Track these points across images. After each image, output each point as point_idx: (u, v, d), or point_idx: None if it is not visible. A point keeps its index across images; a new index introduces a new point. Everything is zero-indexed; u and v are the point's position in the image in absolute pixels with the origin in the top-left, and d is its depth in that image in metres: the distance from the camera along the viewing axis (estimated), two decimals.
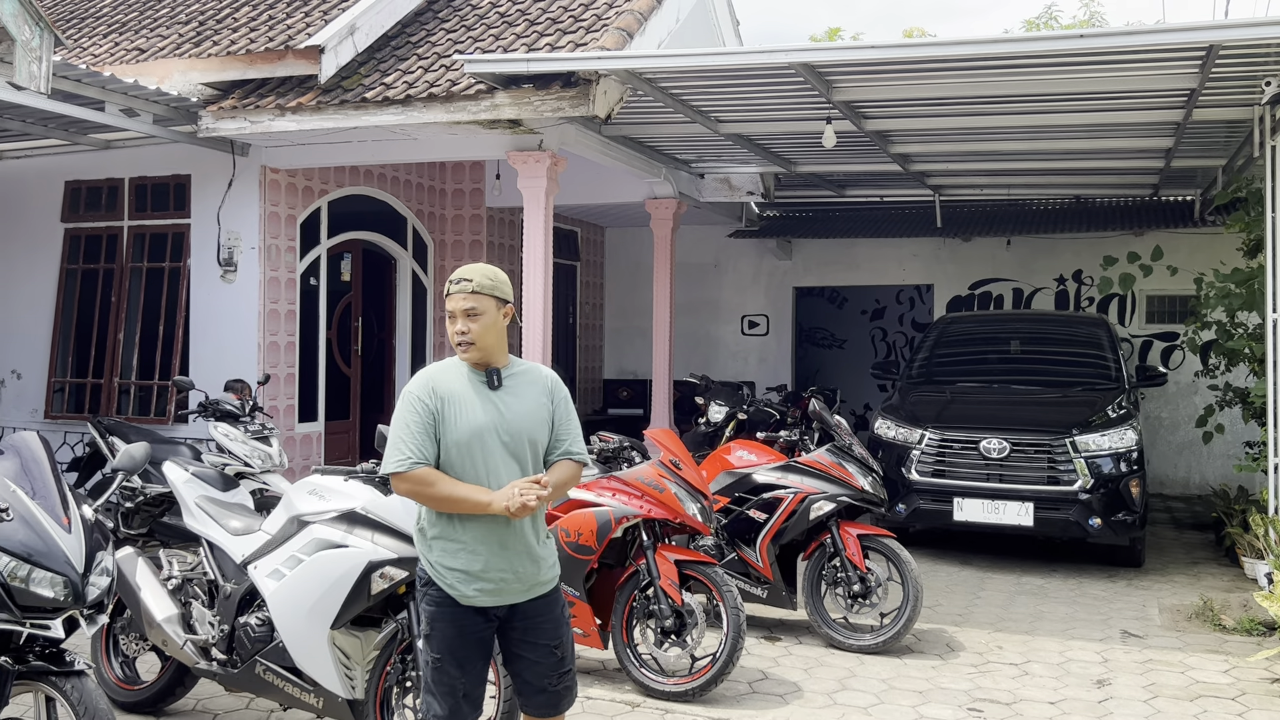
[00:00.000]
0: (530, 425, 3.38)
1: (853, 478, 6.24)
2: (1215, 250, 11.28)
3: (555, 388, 3.49)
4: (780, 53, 6.93)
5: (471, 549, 3.30)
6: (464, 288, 3.37)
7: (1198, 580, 8.02)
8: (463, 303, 3.36)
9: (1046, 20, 21.19)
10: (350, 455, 10.26)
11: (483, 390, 3.37)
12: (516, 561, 3.33)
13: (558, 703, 3.47)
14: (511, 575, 3.33)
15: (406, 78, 8.14)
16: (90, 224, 9.79)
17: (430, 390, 3.35)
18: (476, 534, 3.30)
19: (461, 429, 3.30)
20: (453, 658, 3.33)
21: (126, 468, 3.91)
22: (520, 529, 3.33)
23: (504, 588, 3.33)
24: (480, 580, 3.30)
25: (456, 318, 3.36)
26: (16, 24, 6.07)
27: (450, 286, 3.39)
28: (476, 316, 3.35)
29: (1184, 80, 7.08)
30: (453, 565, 3.32)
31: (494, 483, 3.29)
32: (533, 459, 3.39)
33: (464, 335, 3.34)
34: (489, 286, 3.39)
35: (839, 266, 13.97)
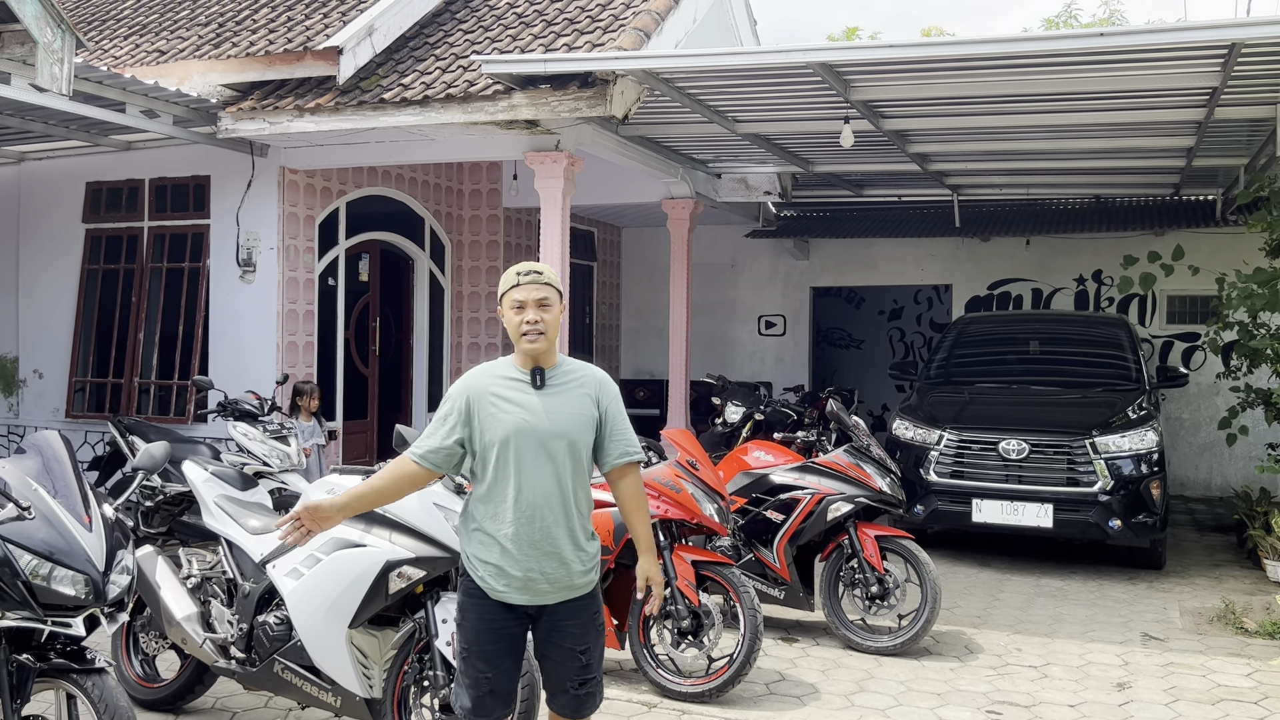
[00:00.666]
0: (570, 427, 3.36)
1: (870, 479, 6.22)
2: (1237, 250, 11.19)
3: (604, 389, 3.47)
4: (798, 52, 6.91)
5: (504, 546, 3.32)
6: (536, 278, 3.38)
7: (1219, 583, 7.96)
8: (536, 292, 3.36)
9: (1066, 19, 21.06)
10: (368, 455, 10.30)
11: (524, 390, 3.37)
12: (546, 563, 3.33)
13: (578, 707, 3.47)
14: (540, 576, 3.33)
15: (424, 79, 8.16)
16: (111, 225, 9.86)
17: (463, 394, 3.40)
18: (510, 532, 3.32)
19: (497, 430, 3.33)
20: (479, 650, 3.36)
21: (146, 467, 3.93)
22: (553, 532, 3.33)
23: (532, 587, 3.34)
24: (509, 577, 3.33)
25: (527, 307, 3.35)
26: (39, 26, 6.12)
27: (519, 277, 3.39)
28: (548, 307, 3.37)
29: (1205, 79, 7.02)
30: (486, 559, 3.35)
31: (526, 483, 3.31)
32: (572, 460, 3.37)
33: (535, 325, 3.34)
34: (555, 279, 3.45)
35: (856, 266, 13.93)
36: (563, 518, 3.35)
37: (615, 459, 3.47)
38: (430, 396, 11.16)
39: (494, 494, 3.35)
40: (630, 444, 3.49)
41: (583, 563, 3.41)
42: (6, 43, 6.34)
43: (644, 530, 3.55)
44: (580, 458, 3.40)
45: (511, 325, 3.38)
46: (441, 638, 4.01)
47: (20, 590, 3.14)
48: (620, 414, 3.49)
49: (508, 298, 3.40)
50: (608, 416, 3.44)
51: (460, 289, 11.52)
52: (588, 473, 3.46)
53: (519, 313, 3.36)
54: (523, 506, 3.31)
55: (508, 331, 3.40)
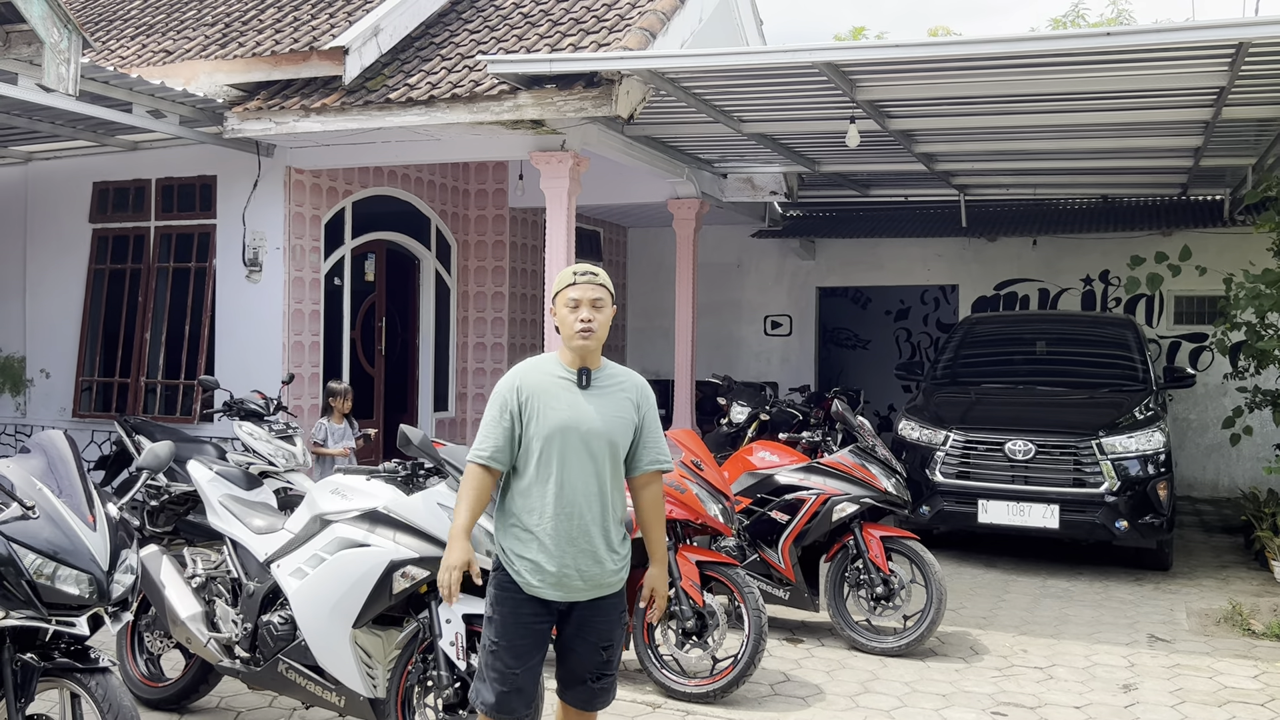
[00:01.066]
0: (612, 428, 3.44)
1: (876, 479, 6.21)
2: (1245, 250, 11.15)
3: (643, 395, 3.56)
4: (804, 52, 6.90)
5: (541, 541, 3.38)
6: (592, 279, 3.47)
7: (1226, 584, 7.93)
8: (591, 292, 3.44)
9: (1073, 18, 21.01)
10: (373, 455, 10.30)
11: (571, 389, 3.44)
12: (582, 560, 3.39)
13: (591, 699, 3.54)
14: (575, 573, 3.39)
15: (430, 78, 8.17)
16: (117, 224, 9.88)
17: (516, 387, 3.45)
18: (548, 528, 3.37)
19: (543, 425, 3.39)
20: (509, 645, 3.39)
21: (151, 466, 3.93)
22: (590, 530, 3.40)
23: (567, 584, 3.40)
24: (545, 573, 3.38)
25: (581, 306, 3.43)
26: (45, 26, 6.13)
27: (575, 277, 3.47)
28: (600, 308, 3.46)
29: (1213, 78, 6.99)
30: (523, 554, 3.40)
31: (568, 480, 3.38)
32: (610, 461, 3.45)
33: (588, 324, 3.42)
34: (609, 283, 3.53)
35: (863, 267, 13.91)
36: (600, 516, 3.42)
37: (646, 465, 3.55)
38: (436, 396, 11.17)
39: (535, 489, 3.41)
40: (662, 453, 3.57)
41: (615, 562, 3.48)
42: (13, 43, 6.36)
43: (659, 539, 3.62)
44: (619, 459, 3.48)
45: (565, 322, 3.45)
46: (445, 638, 4.01)
47: (24, 589, 3.14)
48: (656, 422, 3.58)
49: (563, 295, 3.47)
50: (645, 423, 3.53)
51: (466, 289, 11.53)
52: (623, 473, 3.54)
53: (573, 311, 3.43)
54: (563, 503, 3.37)
55: (559, 328, 3.47)
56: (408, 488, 4.23)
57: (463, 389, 11.44)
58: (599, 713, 3.64)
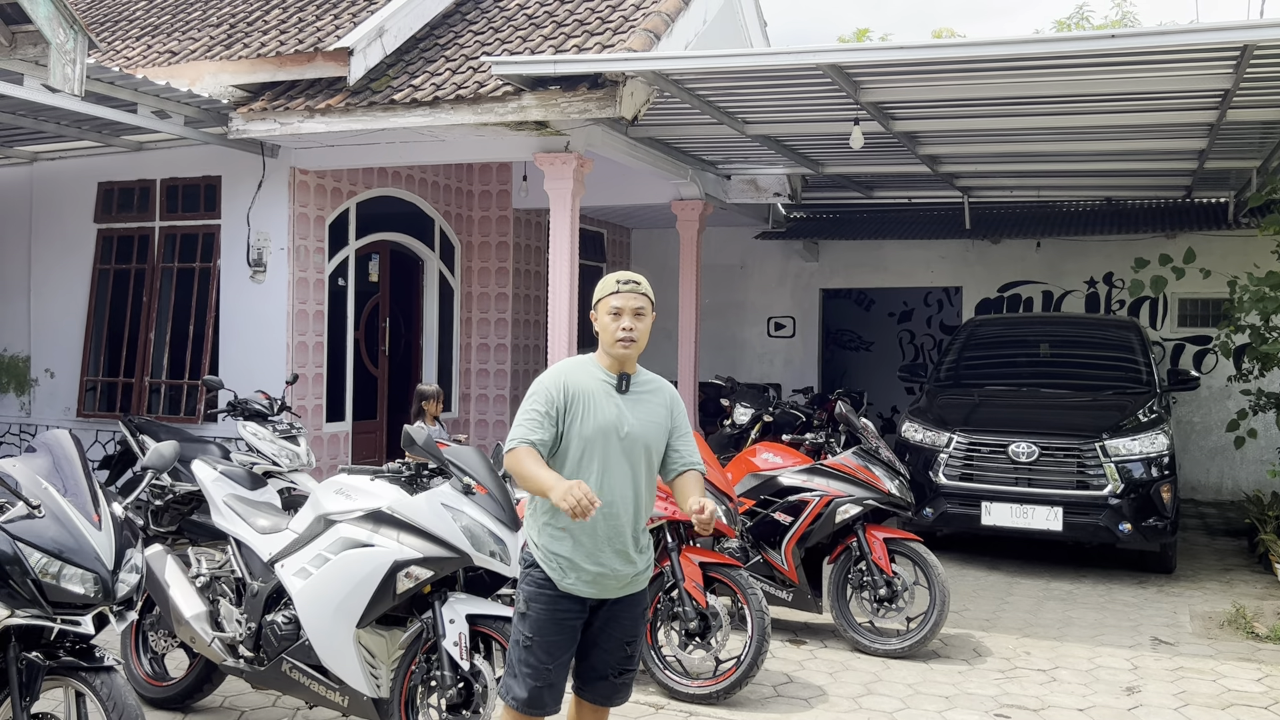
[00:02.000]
0: (648, 433, 3.51)
1: (879, 481, 6.21)
2: (1249, 253, 11.14)
3: (675, 402, 3.65)
4: (808, 54, 6.90)
5: (576, 539, 3.42)
6: (635, 288, 3.52)
7: (1230, 587, 7.92)
8: (634, 301, 3.50)
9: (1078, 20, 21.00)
10: (377, 455, 10.32)
11: (611, 393, 3.50)
12: (616, 560, 3.45)
13: (612, 695, 3.59)
14: (609, 571, 3.45)
15: (434, 80, 8.18)
16: (122, 224, 9.90)
17: (562, 385, 3.48)
18: (582, 526, 3.40)
19: (588, 425, 3.44)
20: (543, 641, 3.43)
21: (156, 466, 3.94)
22: (622, 529, 3.45)
23: (601, 582, 3.45)
24: (581, 570, 3.42)
25: (623, 315, 3.48)
26: (51, 27, 6.14)
27: (618, 285, 3.51)
28: (642, 316, 3.52)
29: (1218, 81, 6.99)
30: (558, 551, 3.44)
31: (607, 481, 3.43)
32: (646, 465, 3.52)
33: (630, 333, 3.47)
34: (650, 292, 3.58)
35: (866, 268, 13.91)
36: (633, 518, 3.49)
37: (679, 467, 3.61)
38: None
39: None
40: (693, 456, 3.63)
41: (642, 562, 3.55)
42: (19, 44, 6.37)
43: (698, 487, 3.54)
44: (654, 464, 3.56)
45: (606, 330, 3.50)
46: (449, 638, 4.02)
47: (30, 588, 3.15)
48: (688, 428, 3.64)
49: (604, 303, 3.52)
50: (677, 428, 3.60)
51: (470, 290, 11.54)
52: (656, 477, 3.62)
53: (615, 319, 3.49)
54: (602, 504, 3.38)
55: (600, 335, 3.53)
56: (412, 488, 4.24)
57: (466, 389, 11.45)
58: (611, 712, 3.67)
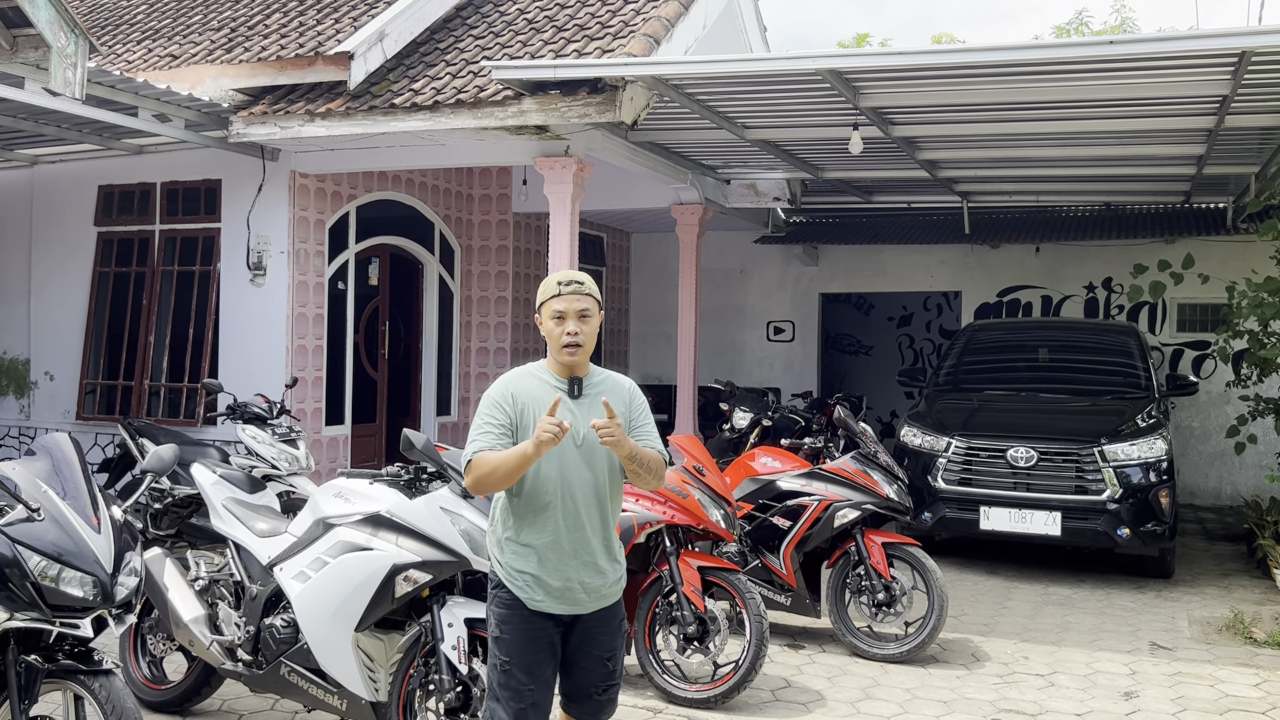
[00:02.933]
0: None
1: (878, 485, 6.21)
2: (1247, 258, 11.15)
3: (633, 396, 3.48)
4: (807, 59, 6.92)
5: (541, 555, 3.31)
6: (578, 289, 3.36)
7: (1228, 592, 7.92)
8: (578, 303, 3.34)
9: (1077, 26, 21.05)
10: (376, 459, 10.32)
11: (563, 399, 3.33)
12: (584, 573, 3.33)
13: (598, 712, 3.50)
14: (578, 586, 3.33)
15: (435, 84, 8.19)
16: (122, 228, 9.91)
17: (509, 397, 3.35)
18: (545, 541, 3.30)
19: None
20: (521, 662, 3.32)
21: (155, 469, 3.95)
22: (588, 539, 3.33)
23: (570, 597, 3.33)
24: (548, 587, 3.31)
25: (567, 318, 3.33)
26: (52, 31, 6.16)
27: (560, 288, 3.36)
28: (588, 318, 3.36)
29: (1216, 87, 7.00)
30: (523, 569, 3.33)
31: (566, 492, 3.30)
32: (608, 469, 3.38)
33: (575, 337, 3.32)
34: (595, 290, 3.41)
35: (866, 273, 13.92)
36: (600, 527, 3.37)
37: None
38: (438, 400, 11.19)
39: (532, 502, 3.31)
40: (655, 444, 3.45)
41: (614, 572, 3.43)
42: (21, 47, 6.38)
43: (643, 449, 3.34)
44: (616, 470, 3.39)
45: (551, 335, 3.36)
46: (447, 641, 4.02)
47: (29, 591, 3.16)
48: (648, 421, 3.48)
49: (548, 307, 3.36)
50: (635, 423, 3.43)
51: (469, 293, 11.55)
52: (622, 483, 3.46)
53: (559, 323, 3.34)
54: (564, 515, 3.30)
55: (546, 339, 3.38)
56: (410, 492, 4.24)
57: (465, 393, 11.46)
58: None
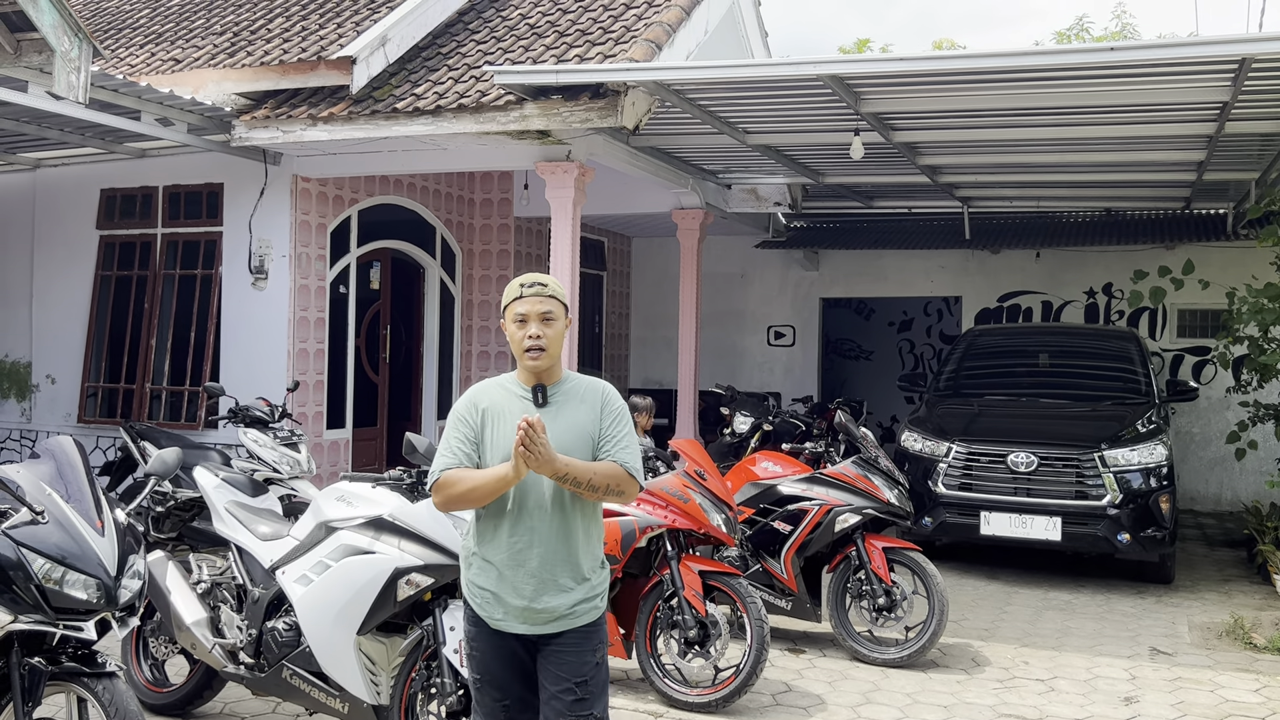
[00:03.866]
0: (572, 446, 3.14)
1: (878, 490, 6.22)
2: (1248, 264, 11.16)
3: (607, 402, 3.26)
4: (808, 65, 6.94)
5: (501, 572, 3.17)
6: (539, 290, 3.21)
7: (1229, 598, 7.93)
8: (539, 305, 3.19)
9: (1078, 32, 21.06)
10: (377, 462, 10.33)
11: (528, 407, 3.19)
12: (545, 592, 3.14)
13: None
14: (539, 606, 3.14)
15: (437, 88, 8.21)
16: (125, 231, 9.93)
17: (472, 407, 3.23)
18: (504, 558, 3.16)
19: (499, 448, 3.15)
20: (491, 679, 3.23)
21: (159, 472, 3.96)
22: (552, 559, 3.14)
23: (530, 617, 3.15)
24: (507, 606, 3.16)
25: (529, 321, 3.18)
26: (56, 35, 6.18)
27: (521, 290, 3.22)
28: (551, 321, 3.20)
29: (1216, 93, 7.02)
30: (484, 585, 3.21)
31: (526, 506, 3.14)
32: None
33: (537, 340, 3.16)
34: (560, 292, 3.26)
35: (866, 278, 13.93)
36: (564, 544, 3.16)
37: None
38: (440, 404, 11.19)
39: (493, 517, 3.18)
40: (622, 453, 3.18)
41: (586, 592, 3.20)
42: (24, 51, 6.41)
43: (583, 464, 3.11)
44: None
45: (514, 340, 3.21)
46: (449, 645, 4.03)
47: (33, 594, 3.17)
48: (620, 426, 3.23)
49: (510, 310, 3.23)
50: (606, 429, 3.21)
51: (471, 297, 11.57)
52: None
53: (521, 327, 3.19)
54: (521, 531, 3.15)
55: (511, 346, 3.24)
56: (413, 495, 4.25)
57: None
58: None
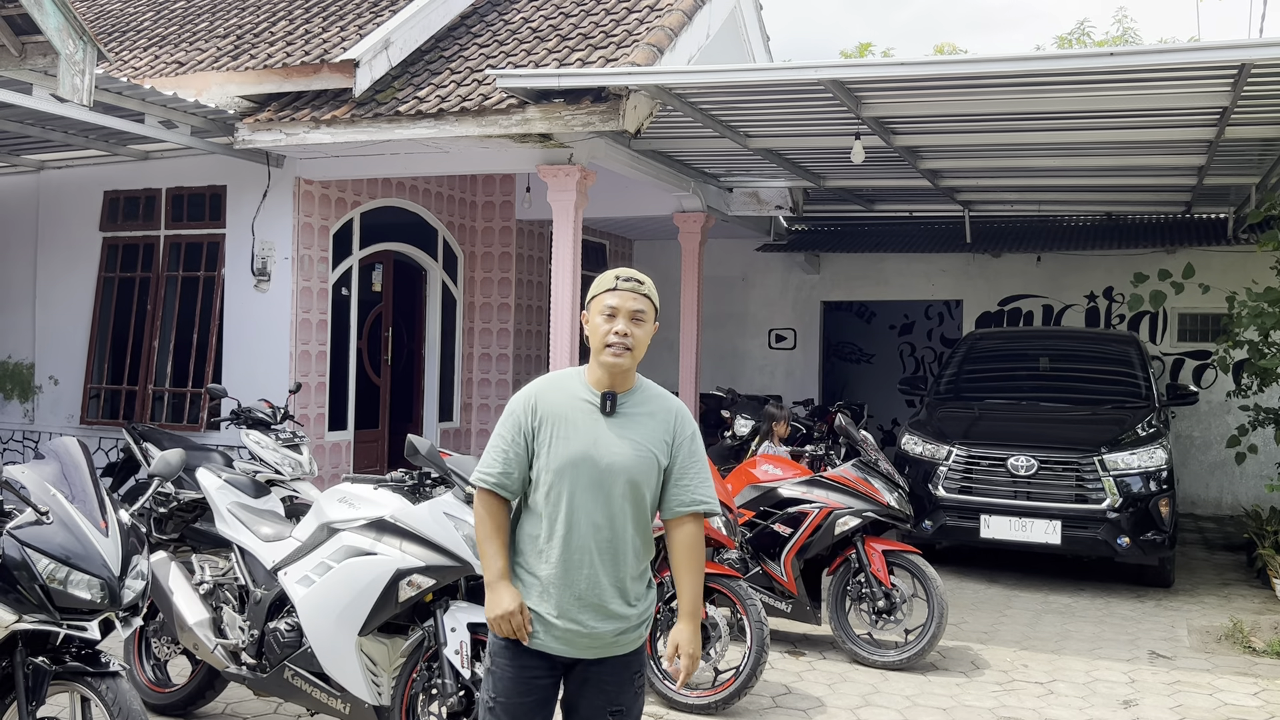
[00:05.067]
0: (634, 463, 2.92)
1: (878, 493, 6.24)
2: (1248, 269, 11.18)
3: (680, 423, 3.02)
4: (810, 69, 6.97)
5: (544, 589, 2.93)
6: (635, 287, 2.96)
7: (1228, 602, 7.94)
8: (632, 302, 2.94)
9: (1079, 36, 21.10)
10: (379, 464, 10.35)
11: (593, 414, 2.95)
12: (588, 615, 2.92)
13: None
14: (582, 629, 2.93)
15: (439, 91, 8.24)
16: (128, 233, 9.95)
17: (531, 407, 2.98)
18: (553, 575, 2.92)
19: (555, 456, 2.93)
20: (507, 704, 2.97)
21: (163, 473, 3.98)
22: (601, 581, 2.92)
23: (572, 640, 2.94)
24: (547, 624, 2.93)
25: (618, 317, 2.93)
26: (61, 38, 6.20)
27: (617, 282, 2.96)
28: (641, 321, 2.96)
29: (1216, 98, 7.04)
30: (525, 601, 2.97)
31: (577, 522, 2.91)
32: (631, 502, 2.93)
33: (625, 339, 2.91)
34: (654, 294, 3.02)
35: (867, 281, 13.95)
36: (613, 567, 2.93)
37: (678, 507, 3.00)
38: (441, 406, 11.22)
39: (541, 529, 2.95)
40: (700, 493, 3.01)
41: (632, 620, 2.98)
42: (29, 54, 6.43)
43: (692, 592, 3.03)
44: (642, 500, 2.96)
45: (596, 334, 2.95)
46: (450, 646, 4.05)
47: (37, 593, 3.19)
48: (695, 455, 3.02)
49: (599, 301, 2.96)
50: (679, 456, 2.99)
51: (472, 300, 11.59)
52: (650, 516, 3.02)
53: (609, 320, 2.93)
54: (571, 548, 2.91)
55: (589, 340, 2.99)
56: (414, 497, 4.27)
57: (468, 399, 11.49)
58: None
